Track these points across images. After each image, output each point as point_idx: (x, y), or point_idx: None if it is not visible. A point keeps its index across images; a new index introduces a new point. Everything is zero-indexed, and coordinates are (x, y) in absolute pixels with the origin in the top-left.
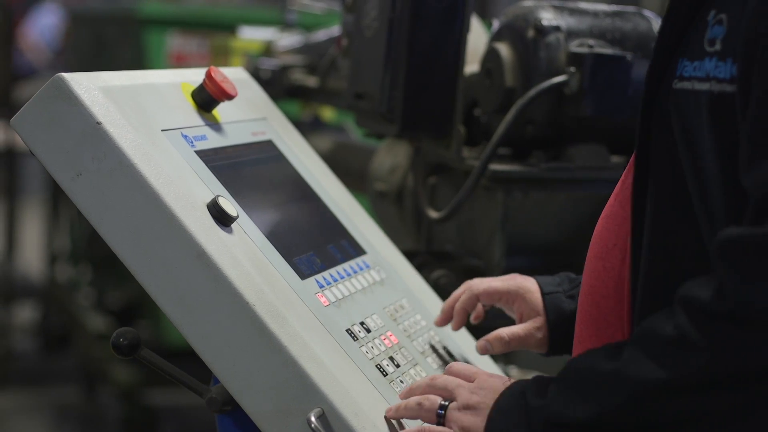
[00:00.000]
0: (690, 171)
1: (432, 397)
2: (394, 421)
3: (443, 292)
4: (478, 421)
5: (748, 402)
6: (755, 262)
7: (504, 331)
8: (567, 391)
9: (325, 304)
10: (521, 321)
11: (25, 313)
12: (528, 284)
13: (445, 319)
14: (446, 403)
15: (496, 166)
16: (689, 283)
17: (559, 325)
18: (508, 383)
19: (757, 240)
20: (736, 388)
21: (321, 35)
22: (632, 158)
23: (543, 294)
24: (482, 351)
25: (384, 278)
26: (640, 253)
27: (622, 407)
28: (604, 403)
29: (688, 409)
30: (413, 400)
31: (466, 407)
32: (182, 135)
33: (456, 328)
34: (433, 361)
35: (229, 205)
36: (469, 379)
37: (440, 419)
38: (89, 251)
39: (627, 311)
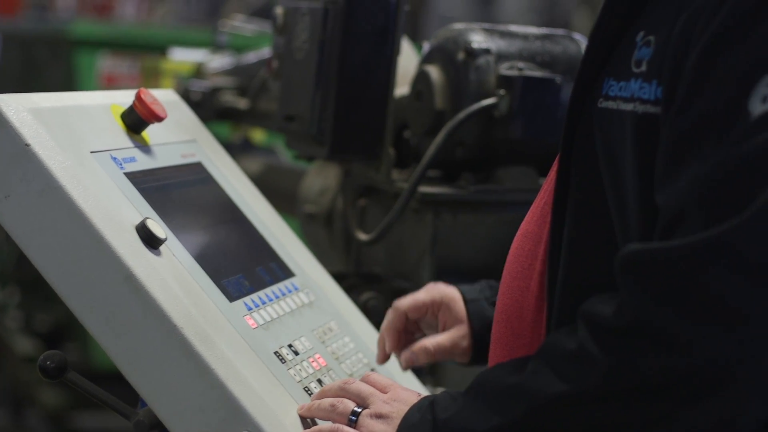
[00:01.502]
0: (611, 189)
1: (346, 401)
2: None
3: (372, 314)
4: (389, 429)
5: (645, 418)
6: (653, 278)
7: (429, 342)
8: (473, 404)
9: (254, 327)
10: (444, 330)
11: None
12: (451, 292)
13: (383, 355)
14: (359, 410)
15: (425, 189)
16: (593, 299)
17: (483, 333)
18: (421, 397)
19: (656, 255)
20: (633, 403)
21: (251, 57)
22: (547, 178)
23: (466, 302)
24: (407, 363)
25: (313, 300)
26: (557, 270)
27: (524, 420)
28: (506, 416)
29: (587, 423)
30: (327, 401)
31: (379, 416)
32: (111, 157)
33: (390, 350)
34: None
35: (158, 228)
36: (384, 390)
37: (351, 424)
38: (17, 273)
39: (543, 331)
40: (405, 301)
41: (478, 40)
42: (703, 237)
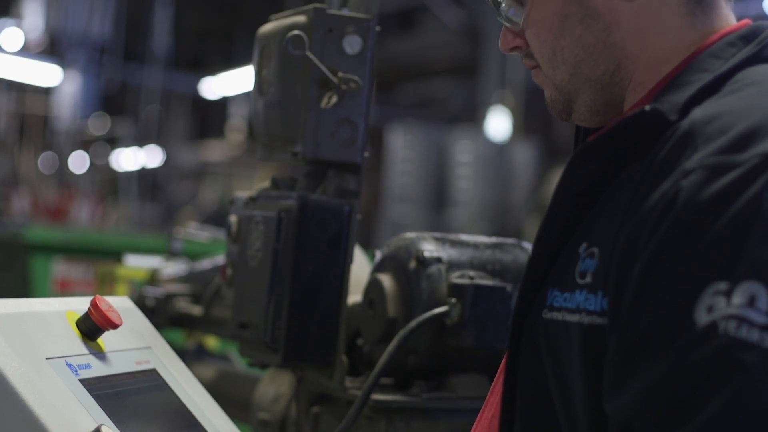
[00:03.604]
0: (559, 399)
1: None
2: None
3: None
4: None
5: None
6: None
7: None
8: None
9: None
10: None
11: None
12: None
13: None
14: None
15: (378, 396)
16: None
17: None
18: None
19: None
20: None
21: (206, 264)
22: (492, 389)
23: None
24: None
25: None
26: None
27: None
28: None
29: None
30: None
31: None
32: (67, 363)
33: None
34: None
35: None
36: None
37: None
38: None
39: None
40: None
41: (429, 248)
42: None
